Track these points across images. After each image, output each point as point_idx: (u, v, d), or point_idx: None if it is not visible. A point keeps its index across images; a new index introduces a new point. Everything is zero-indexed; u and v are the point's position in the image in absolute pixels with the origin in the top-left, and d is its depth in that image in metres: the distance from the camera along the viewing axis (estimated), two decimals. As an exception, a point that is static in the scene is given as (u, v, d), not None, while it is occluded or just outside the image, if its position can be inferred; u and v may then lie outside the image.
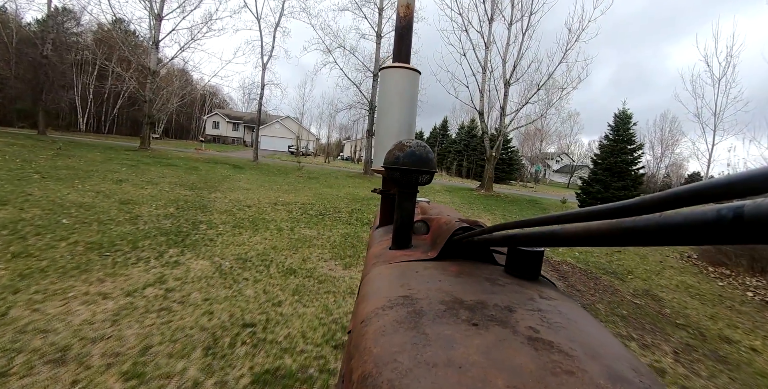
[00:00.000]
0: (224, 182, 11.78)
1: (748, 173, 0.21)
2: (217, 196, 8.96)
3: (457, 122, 57.63)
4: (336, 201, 10.20)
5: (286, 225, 6.68)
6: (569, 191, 45.45)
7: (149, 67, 21.03)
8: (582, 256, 7.27)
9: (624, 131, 14.42)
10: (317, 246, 5.56)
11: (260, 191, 10.47)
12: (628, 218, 0.30)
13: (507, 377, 0.34)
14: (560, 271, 5.89)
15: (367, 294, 0.64)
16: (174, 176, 11.58)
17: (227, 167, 16.36)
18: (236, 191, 10.14)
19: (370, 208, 9.56)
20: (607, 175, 14.08)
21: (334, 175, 19.00)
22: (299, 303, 3.56)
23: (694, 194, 0.23)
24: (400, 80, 1.35)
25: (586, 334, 0.46)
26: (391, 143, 0.97)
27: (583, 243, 0.36)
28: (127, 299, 3.32)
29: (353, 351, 0.47)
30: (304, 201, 9.55)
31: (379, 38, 19.18)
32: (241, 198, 8.99)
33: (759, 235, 0.19)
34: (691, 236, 0.23)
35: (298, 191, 11.38)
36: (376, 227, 1.42)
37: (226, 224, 6.28)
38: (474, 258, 0.77)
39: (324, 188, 13.01)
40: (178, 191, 9.08)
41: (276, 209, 8.05)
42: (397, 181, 0.91)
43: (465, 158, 41.89)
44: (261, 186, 11.64)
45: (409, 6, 1.43)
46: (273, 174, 15.87)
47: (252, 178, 13.70)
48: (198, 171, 13.74)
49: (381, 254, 0.90)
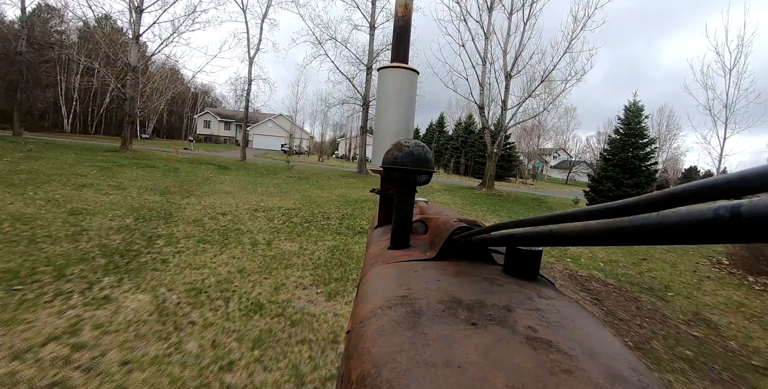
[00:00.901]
0: (204, 184, 10.72)
1: (745, 172, 0.21)
2: (190, 202, 7.92)
3: (453, 118, 56.73)
4: (326, 205, 9.17)
5: (263, 238, 5.66)
6: (569, 187, 44.68)
7: (129, 63, 19.85)
8: (608, 267, 6.31)
9: (636, 124, 13.46)
10: (297, 266, 4.54)
11: (241, 195, 9.43)
12: (626, 217, 0.29)
13: (506, 376, 0.34)
14: (592, 291, 4.92)
15: (365, 294, 0.64)
16: (148, 179, 10.51)
17: (211, 168, 15.27)
18: (214, 195, 9.09)
19: (364, 213, 8.55)
20: (618, 172, 13.10)
21: (327, 174, 17.94)
22: (259, 363, 2.55)
23: (692, 193, 0.24)
24: (399, 80, 1.33)
25: (585, 333, 0.46)
26: (390, 143, 0.97)
27: (581, 243, 0.35)
28: (10, 365, 2.30)
29: (352, 351, 0.47)
30: (290, 206, 8.52)
31: (373, 29, 18.10)
32: (218, 204, 7.94)
33: (756, 234, 0.19)
34: (689, 235, 0.23)
35: (284, 194, 10.34)
36: (374, 227, 1.40)
37: (190, 239, 5.25)
38: (472, 258, 0.77)
39: (314, 190, 11.97)
40: (146, 196, 8.03)
41: (255, 217, 7.02)
42: (395, 181, 0.91)
43: (463, 154, 40.94)
44: (244, 189, 10.59)
45: (407, 6, 1.41)
46: (260, 175, 14.81)
47: (236, 179, 12.64)
48: (177, 173, 12.67)
49: (379, 254, 0.91)
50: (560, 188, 38.95)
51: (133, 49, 20.34)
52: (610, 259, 6.89)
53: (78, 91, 43.52)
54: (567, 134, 59.45)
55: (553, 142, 58.95)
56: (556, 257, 6.40)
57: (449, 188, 17.79)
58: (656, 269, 6.75)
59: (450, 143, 44.58)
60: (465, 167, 40.49)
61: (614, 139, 14.20)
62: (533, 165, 50.01)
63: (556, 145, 61.43)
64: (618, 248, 7.80)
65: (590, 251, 7.19)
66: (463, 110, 59.70)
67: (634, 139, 13.30)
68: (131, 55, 20.15)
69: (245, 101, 19.39)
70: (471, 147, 41.12)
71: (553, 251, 6.76)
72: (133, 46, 20.31)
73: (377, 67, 1.43)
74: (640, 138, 13.31)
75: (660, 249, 8.46)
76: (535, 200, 16.24)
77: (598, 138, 63.84)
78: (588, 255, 6.91)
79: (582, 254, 6.86)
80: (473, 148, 40.71)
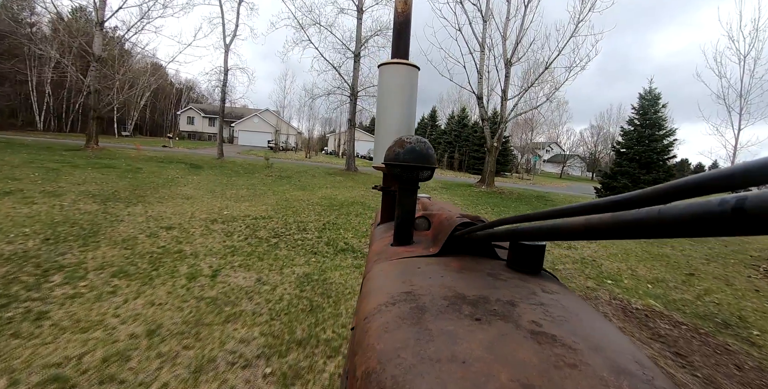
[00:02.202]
0: (163, 187, 9.16)
1: (748, 163, 0.21)
2: (135, 211, 6.39)
3: (445, 112, 55.31)
4: (304, 211, 7.69)
5: (209, 265, 4.19)
6: (565, 181, 43.69)
7: (92, 53, 18.02)
8: (659, 290, 4.97)
9: (653, 113, 12.15)
10: (244, 317, 3.09)
11: (204, 200, 7.90)
12: (629, 210, 0.29)
13: (510, 371, 0.34)
14: (663, 335, 3.54)
15: (369, 291, 0.64)
16: (96, 182, 8.92)
17: (181, 167, 13.65)
18: (170, 201, 7.56)
19: (350, 221, 7.10)
20: (634, 166, 11.80)
21: (312, 172, 16.39)
22: None
23: (695, 185, 0.24)
24: (399, 76, 1.32)
25: (589, 327, 0.45)
26: (391, 140, 0.97)
27: (584, 237, 0.35)
28: None
29: (356, 347, 0.47)
30: (259, 214, 7.03)
31: (361, 13, 16.50)
32: (168, 213, 6.42)
33: (762, 225, 0.19)
34: (693, 228, 0.23)
35: (257, 197, 8.83)
36: (377, 223, 1.40)
37: (104, 271, 3.76)
38: (476, 253, 0.76)
39: (294, 191, 10.47)
40: (80, 205, 6.49)
41: (210, 231, 5.53)
42: (397, 177, 0.90)
43: (456, 149, 39.57)
44: (210, 192, 9.05)
45: (407, 2, 1.40)
46: (235, 174, 13.23)
47: (205, 180, 11.07)
48: (138, 174, 11.07)
49: (383, 250, 0.91)
50: (557, 183, 37.89)
51: (96, 36, 18.47)
52: (654, 277, 5.56)
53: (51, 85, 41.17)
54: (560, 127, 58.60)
55: (546, 135, 58.02)
56: (594, 279, 5.04)
57: (446, 186, 16.40)
58: (713, 290, 5.43)
59: (443, 138, 43.17)
60: (459, 162, 39.16)
61: (628, 130, 12.86)
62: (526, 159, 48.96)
63: (548, 138, 60.47)
64: (656, 261, 6.50)
65: (629, 268, 5.86)
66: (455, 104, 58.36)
67: (650, 130, 12.01)
68: (95, 44, 18.30)
69: (221, 93, 17.68)
70: (465, 141, 39.77)
71: (587, 270, 5.41)
72: (97, 34, 18.43)
73: (378, 64, 1.38)
74: (657, 129, 12.03)
75: (699, 259, 7.19)
76: (540, 199, 14.93)
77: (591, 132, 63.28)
78: (628, 273, 5.58)
79: (621, 273, 5.52)
80: (467, 142, 39.37)
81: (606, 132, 61.33)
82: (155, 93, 56.55)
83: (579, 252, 6.42)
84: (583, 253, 6.40)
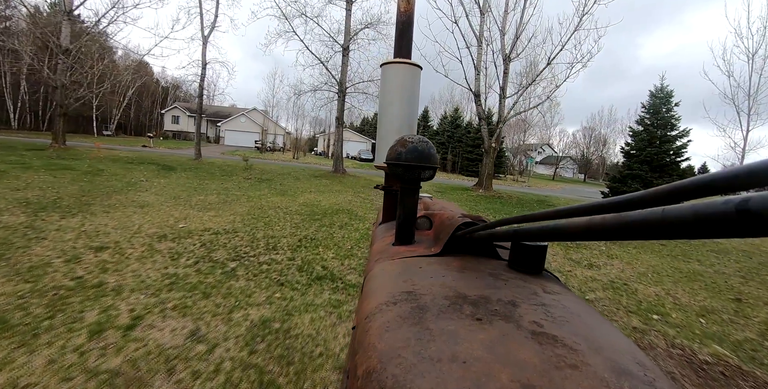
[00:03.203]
0: (120, 193, 7.95)
1: (752, 164, 0.21)
2: (69, 224, 5.22)
3: (437, 113, 54.42)
4: (279, 222, 6.56)
5: (132, 307, 3.07)
6: (558, 183, 43.07)
7: (59, 44, 16.64)
8: (714, 326, 3.97)
9: (667, 112, 11.26)
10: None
11: (162, 210, 6.73)
12: (632, 211, 0.29)
13: (511, 371, 0.34)
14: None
15: (370, 291, 0.64)
16: (41, 187, 7.68)
17: (151, 169, 12.38)
18: (120, 210, 6.37)
19: (333, 235, 5.99)
20: (645, 169, 10.88)
21: (296, 174, 15.19)
22: None
23: (698, 186, 0.24)
24: (402, 76, 1.32)
25: (590, 328, 0.45)
26: (393, 139, 0.96)
27: (586, 237, 0.35)
28: None
29: (357, 346, 0.47)
30: (222, 226, 5.89)
31: (350, 4, 15.38)
32: (109, 228, 5.26)
33: (766, 227, 0.19)
34: (697, 229, 0.23)
35: (226, 205, 7.66)
36: (379, 223, 1.39)
37: (-34, 323, 2.62)
38: (477, 253, 0.76)
39: (272, 197, 9.31)
40: (4, 216, 5.30)
41: (152, 252, 4.39)
42: (399, 177, 0.90)
43: (449, 150, 38.62)
44: (173, 198, 7.86)
45: (409, 1, 1.39)
46: (210, 177, 12.00)
47: (173, 184, 9.85)
48: (97, 176, 9.82)
49: (384, 250, 0.90)
50: (551, 185, 37.22)
51: (64, 27, 17.07)
52: (701, 306, 4.57)
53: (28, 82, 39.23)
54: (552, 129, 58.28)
55: (538, 137, 57.51)
56: (637, 313, 4.02)
57: (441, 189, 15.36)
58: (773, 321, 4.46)
59: (435, 138, 42.22)
60: (452, 163, 38.23)
61: (638, 131, 11.93)
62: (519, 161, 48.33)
63: (540, 140, 59.96)
64: (691, 282, 5.54)
65: (667, 293, 4.87)
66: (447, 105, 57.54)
67: (662, 130, 11.11)
68: (62, 35, 16.91)
69: (199, 88, 16.40)
70: (458, 142, 38.87)
71: (623, 300, 4.39)
72: (65, 24, 17.04)
73: (380, 63, 1.38)
74: (669, 130, 11.14)
75: (733, 276, 6.26)
76: (541, 203, 13.98)
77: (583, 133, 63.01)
78: (669, 301, 4.58)
79: (662, 301, 4.52)
80: (461, 143, 38.47)
81: (598, 134, 61.18)
82: (139, 91, 54.80)
83: (604, 273, 5.42)
84: (609, 273, 5.40)
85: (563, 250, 6.47)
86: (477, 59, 14.52)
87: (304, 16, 15.07)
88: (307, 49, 15.51)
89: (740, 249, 9.10)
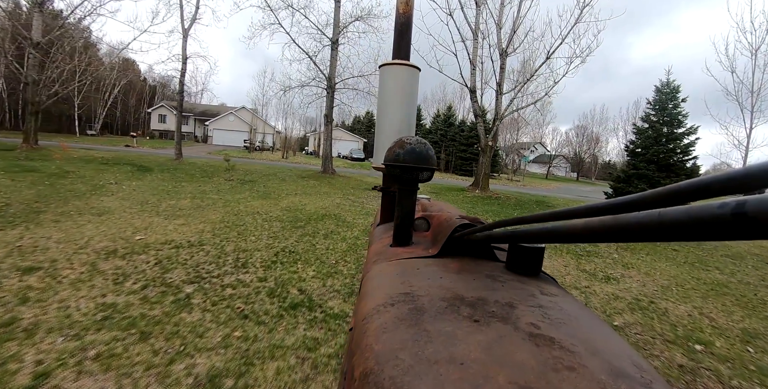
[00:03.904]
0: (80, 198, 7.13)
1: (748, 167, 0.21)
2: (2, 239, 4.43)
3: (429, 112, 53.72)
4: (256, 230, 5.80)
5: (40, 356, 2.32)
6: (552, 182, 42.67)
7: (30, 38, 15.63)
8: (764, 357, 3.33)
9: (674, 108, 10.69)
10: None
11: (123, 217, 5.93)
12: (629, 213, 0.29)
13: (508, 373, 0.34)
14: None
15: (368, 292, 0.62)
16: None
17: (125, 170, 11.50)
18: (73, 219, 5.57)
19: (317, 246, 5.26)
20: (652, 168, 10.30)
21: (282, 175, 14.36)
22: None
23: (695, 189, 0.24)
24: (401, 77, 1.31)
25: (587, 330, 0.45)
26: (392, 140, 0.95)
27: (583, 239, 0.34)
28: None
29: (355, 348, 0.46)
30: (189, 237, 5.12)
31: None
32: (51, 241, 4.47)
33: (761, 230, 0.19)
34: (692, 232, 0.23)
35: (199, 211, 6.87)
36: (377, 224, 1.38)
37: None
38: (475, 255, 0.75)
39: (253, 200, 8.53)
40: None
41: (94, 274, 3.63)
42: (397, 178, 0.89)
43: (443, 149, 37.97)
44: (140, 204, 7.05)
45: (408, 3, 1.39)
46: (189, 178, 11.16)
47: (145, 187, 9.02)
48: (62, 179, 8.95)
49: (382, 251, 0.89)
50: (545, 184, 36.79)
51: (36, 19, 16.05)
52: (742, 329, 3.94)
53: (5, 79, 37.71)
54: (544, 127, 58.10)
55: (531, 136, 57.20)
56: (675, 343, 3.37)
57: (436, 190, 14.68)
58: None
59: (428, 137, 41.53)
60: (446, 162, 37.60)
61: (642, 128, 11.33)
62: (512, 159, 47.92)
63: (533, 138, 59.63)
64: (721, 296, 4.92)
65: (700, 313, 4.23)
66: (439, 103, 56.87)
67: (668, 127, 10.55)
68: (33, 28, 15.89)
69: (179, 84, 15.47)
70: (452, 141, 38.24)
71: (656, 325, 3.74)
72: (36, 16, 16.02)
73: (379, 65, 1.37)
74: (676, 127, 10.56)
75: (760, 286, 5.68)
76: (540, 204, 13.36)
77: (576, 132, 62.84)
78: (706, 323, 3.95)
79: (699, 325, 3.88)
80: (454, 142, 37.86)
81: (590, 132, 61.05)
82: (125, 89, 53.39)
83: (624, 287, 4.77)
84: (630, 288, 4.76)
85: (575, 260, 5.82)
86: (473, 54, 13.85)
87: (291, 8, 14.26)
88: (294, 43, 14.70)
89: (753, 253, 8.58)
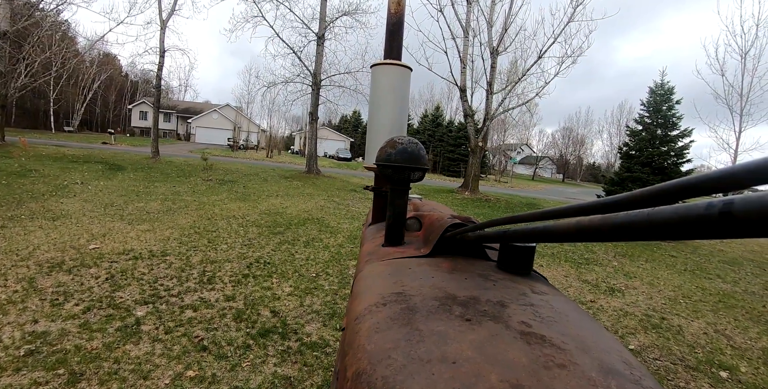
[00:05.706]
0: (38, 199, 6.46)
1: (734, 167, 0.21)
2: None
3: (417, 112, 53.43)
4: (228, 237, 5.25)
5: None
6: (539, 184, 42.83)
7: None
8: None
9: (668, 110, 10.51)
10: None
11: (81, 222, 5.32)
12: (618, 213, 0.29)
13: (500, 371, 0.34)
14: None
15: (360, 292, 0.63)
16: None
17: (95, 169, 10.74)
18: (26, 223, 4.94)
19: (296, 255, 4.75)
20: (647, 172, 10.09)
21: (265, 175, 13.74)
22: None
23: (683, 188, 0.24)
24: (392, 77, 1.31)
25: (578, 328, 0.45)
26: (383, 140, 0.95)
27: (574, 238, 0.35)
28: None
29: (347, 348, 0.46)
30: (151, 246, 4.56)
31: (326, -11, 14.07)
32: (-14, 251, 3.86)
33: (748, 229, 0.20)
34: (681, 231, 0.23)
35: (169, 214, 6.27)
36: (368, 224, 1.38)
37: None
38: (467, 254, 0.75)
39: (230, 202, 7.95)
40: None
41: (29, 293, 3.06)
42: (389, 178, 0.89)
43: (430, 150, 37.68)
44: (104, 207, 6.42)
45: (400, 3, 1.39)
46: (164, 178, 10.48)
47: (114, 187, 8.34)
48: (22, 178, 8.22)
49: (374, 251, 0.89)
50: (533, 185, 36.82)
51: (2, 8, 15.09)
52: (762, 348, 3.61)
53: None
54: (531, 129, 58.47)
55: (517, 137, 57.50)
56: (697, 370, 2.99)
57: (425, 191, 14.27)
58: None
59: (416, 138, 41.17)
60: (434, 163, 37.33)
61: (636, 130, 11.11)
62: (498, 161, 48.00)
63: (519, 140, 59.95)
64: (731, 309, 4.61)
65: (715, 330, 3.89)
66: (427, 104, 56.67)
67: (662, 130, 10.35)
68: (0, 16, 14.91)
69: (156, 78, 14.67)
70: (440, 141, 37.99)
71: (672, 347, 3.37)
72: (3, 5, 15.06)
73: (371, 64, 1.36)
74: (670, 129, 10.38)
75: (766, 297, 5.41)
76: (531, 206, 13.08)
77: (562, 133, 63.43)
78: (724, 343, 3.60)
79: (717, 345, 3.53)
80: (442, 142, 37.61)
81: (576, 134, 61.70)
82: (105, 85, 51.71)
83: (631, 301, 4.41)
84: (637, 302, 4.39)
85: (575, 269, 5.45)
86: (463, 52, 13.49)
87: (275, 1, 13.65)
88: (278, 37, 14.08)
89: (747, 259, 8.42)
